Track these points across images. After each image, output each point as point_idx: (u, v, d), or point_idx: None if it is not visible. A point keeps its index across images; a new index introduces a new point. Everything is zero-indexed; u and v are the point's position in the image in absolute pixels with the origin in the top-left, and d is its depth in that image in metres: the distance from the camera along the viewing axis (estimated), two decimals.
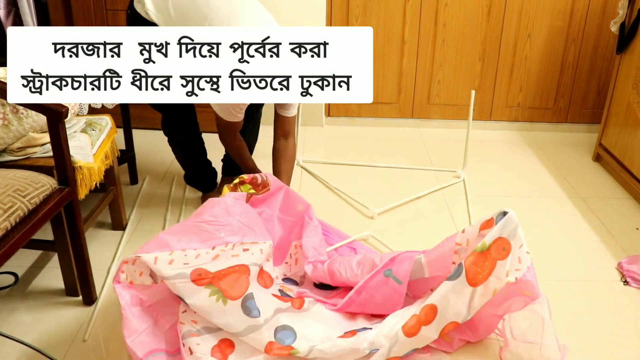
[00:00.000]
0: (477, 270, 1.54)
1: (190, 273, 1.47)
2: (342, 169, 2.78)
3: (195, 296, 1.47)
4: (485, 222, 1.60)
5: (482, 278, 1.53)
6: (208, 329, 1.51)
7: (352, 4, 3.08)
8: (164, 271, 1.47)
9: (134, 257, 1.50)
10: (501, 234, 1.54)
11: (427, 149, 3.04)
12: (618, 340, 1.71)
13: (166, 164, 2.78)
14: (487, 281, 1.54)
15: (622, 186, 2.67)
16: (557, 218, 2.39)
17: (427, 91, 3.30)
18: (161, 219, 2.29)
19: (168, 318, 1.56)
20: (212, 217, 1.64)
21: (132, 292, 1.52)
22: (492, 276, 1.54)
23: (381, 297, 1.67)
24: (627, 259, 2.06)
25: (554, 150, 3.09)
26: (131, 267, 1.52)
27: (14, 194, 1.46)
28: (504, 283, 1.53)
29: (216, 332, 1.52)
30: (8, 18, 2.67)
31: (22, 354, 1.55)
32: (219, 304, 1.47)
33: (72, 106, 1.81)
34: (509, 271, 1.55)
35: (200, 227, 1.61)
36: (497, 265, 1.54)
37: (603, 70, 3.21)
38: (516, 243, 1.55)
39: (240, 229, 1.66)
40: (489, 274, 1.53)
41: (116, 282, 1.52)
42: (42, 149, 1.79)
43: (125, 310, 1.50)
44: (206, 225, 1.61)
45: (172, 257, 1.50)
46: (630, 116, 2.59)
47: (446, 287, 1.55)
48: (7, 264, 1.47)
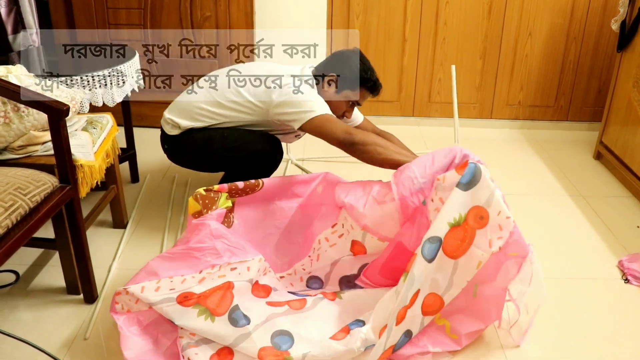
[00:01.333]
0: (456, 243, 1.54)
1: (176, 297, 1.50)
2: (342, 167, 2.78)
3: (184, 317, 1.49)
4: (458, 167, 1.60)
5: (462, 250, 1.54)
6: (206, 340, 1.53)
7: (353, 2, 3.08)
8: (151, 298, 1.50)
9: (125, 289, 1.53)
10: (477, 202, 1.54)
11: (428, 147, 3.04)
12: (618, 338, 1.71)
13: (167, 162, 2.78)
14: (469, 251, 1.54)
15: (623, 184, 2.67)
16: (558, 216, 2.39)
17: (428, 89, 3.30)
18: (162, 217, 2.29)
19: (168, 336, 1.57)
20: (198, 243, 1.63)
21: (129, 315, 1.55)
22: (473, 246, 1.54)
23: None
24: (628, 257, 2.06)
25: (554, 148, 3.09)
26: (125, 296, 1.55)
27: (15, 192, 1.46)
28: (489, 254, 1.54)
29: (214, 343, 1.53)
30: (9, 17, 2.67)
31: (22, 352, 1.55)
32: (207, 322, 1.49)
33: (73, 104, 1.81)
34: (492, 240, 1.55)
35: (188, 253, 1.61)
36: (476, 234, 1.55)
37: (604, 68, 3.21)
38: (493, 210, 1.55)
39: (227, 249, 1.63)
40: (469, 244, 1.54)
41: (113, 312, 1.55)
42: (43, 147, 1.79)
43: (123, 329, 1.53)
44: (193, 252, 1.61)
45: (159, 285, 1.53)
46: (631, 114, 2.59)
47: (425, 268, 1.53)
48: (8, 262, 1.47)
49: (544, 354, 1.63)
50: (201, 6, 2.92)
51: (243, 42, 2.97)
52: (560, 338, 1.69)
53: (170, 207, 2.36)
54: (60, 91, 1.80)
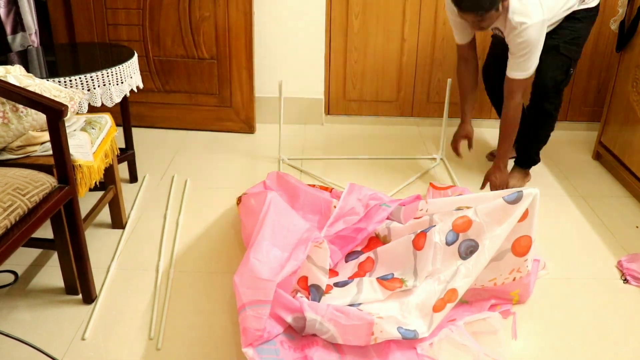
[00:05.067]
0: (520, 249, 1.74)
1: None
2: (341, 165, 2.78)
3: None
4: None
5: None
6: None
7: (352, 2, 3.07)
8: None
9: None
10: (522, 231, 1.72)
11: (427, 147, 3.04)
12: (618, 338, 1.71)
13: (166, 162, 2.79)
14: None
15: (622, 184, 2.67)
16: (557, 216, 2.39)
17: (427, 90, 3.30)
18: (161, 218, 2.29)
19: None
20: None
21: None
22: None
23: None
24: (627, 257, 2.06)
25: (553, 148, 3.09)
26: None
27: (13, 193, 1.46)
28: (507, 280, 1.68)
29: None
30: (8, 17, 2.67)
31: (21, 352, 1.55)
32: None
33: (72, 104, 1.81)
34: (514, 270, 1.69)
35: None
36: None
37: (603, 68, 3.21)
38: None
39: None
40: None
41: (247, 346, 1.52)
42: (41, 148, 1.79)
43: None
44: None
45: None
46: (630, 114, 2.59)
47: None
48: (7, 262, 1.47)
49: (544, 354, 1.63)
50: (200, 6, 2.92)
51: (242, 41, 2.98)
52: (560, 338, 1.69)
53: (168, 207, 2.36)
54: (58, 91, 1.80)
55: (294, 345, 1.57)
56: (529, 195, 1.68)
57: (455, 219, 1.74)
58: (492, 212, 1.70)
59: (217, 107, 3.14)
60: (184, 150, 2.94)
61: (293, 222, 1.85)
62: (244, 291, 1.56)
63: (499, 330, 1.68)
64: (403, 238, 1.83)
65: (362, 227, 1.99)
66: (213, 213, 2.33)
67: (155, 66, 3.06)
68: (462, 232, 1.72)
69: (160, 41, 3.01)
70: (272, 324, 1.56)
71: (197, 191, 2.51)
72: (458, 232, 1.73)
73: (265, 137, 3.13)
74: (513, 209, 1.68)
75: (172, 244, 2.11)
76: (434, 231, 1.74)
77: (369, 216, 2.03)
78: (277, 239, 1.73)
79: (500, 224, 1.68)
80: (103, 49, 2.61)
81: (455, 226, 1.73)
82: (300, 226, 1.84)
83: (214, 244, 2.12)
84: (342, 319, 1.56)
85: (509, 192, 1.71)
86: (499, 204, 1.69)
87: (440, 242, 1.73)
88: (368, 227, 1.98)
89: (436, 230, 1.74)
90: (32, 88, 1.70)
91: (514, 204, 1.67)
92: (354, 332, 1.55)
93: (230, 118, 3.16)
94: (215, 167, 2.75)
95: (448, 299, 1.66)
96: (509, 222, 1.68)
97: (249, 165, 2.80)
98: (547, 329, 1.72)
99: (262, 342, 1.51)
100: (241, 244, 2.09)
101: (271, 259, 1.64)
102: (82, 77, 2.07)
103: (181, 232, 2.19)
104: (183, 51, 3.02)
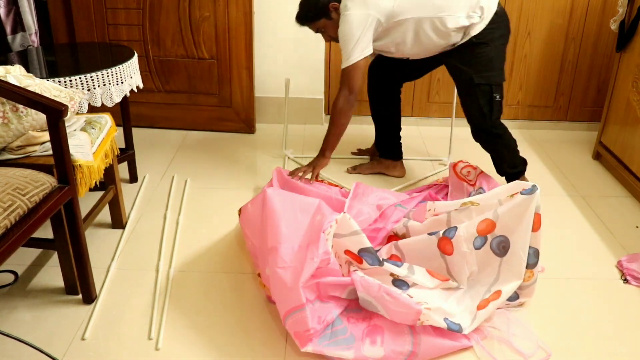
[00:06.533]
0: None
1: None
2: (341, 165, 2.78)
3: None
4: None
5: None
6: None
7: None
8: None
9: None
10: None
11: (427, 147, 3.04)
12: (618, 338, 1.71)
13: (166, 162, 2.79)
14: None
15: (622, 184, 2.67)
16: (557, 216, 2.39)
17: (427, 90, 3.30)
18: (161, 218, 2.29)
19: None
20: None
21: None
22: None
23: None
24: (627, 257, 2.06)
25: (553, 148, 3.09)
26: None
27: (13, 193, 1.46)
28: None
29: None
30: (8, 17, 2.67)
31: (21, 352, 1.55)
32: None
33: (72, 104, 1.81)
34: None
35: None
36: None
37: (603, 68, 3.21)
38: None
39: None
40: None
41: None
42: (41, 148, 1.79)
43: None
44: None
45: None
46: (630, 114, 2.59)
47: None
48: (7, 262, 1.47)
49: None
50: (200, 6, 2.92)
51: (242, 41, 2.98)
52: (560, 338, 1.69)
53: (168, 207, 2.36)
54: (58, 91, 1.80)
55: (361, 317, 1.67)
56: (536, 188, 1.73)
57: (477, 224, 1.77)
58: (512, 209, 1.73)
59: (217, 107, 3.14)
60: (184, 150, 2.94)
61: (299, 201, 1.87)
62: (280, 302, 1.63)
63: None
64: (424, 236, 1.86)
65: (381, 227, 2.02)
66: (213, 213, 2.33)
67: (155, 66, 3.06)
68: (488, 233, 1.76)
69: (160, 41, 3.01)
70: (327, 310, 1.62)
71: (197, 191, 2.51)
72: (484, 235, 1.76)
73: (265, 137, 3.13)
74: (528, 200, 1.71)
75: (172, 244, 2.11)
76: (461, 241, 1.75)
77: (385, 216, 2.07)
78: (290, 231, 1.72)
79: (521, 218, 1.72)
80: (103, 49, 2.61)
81: (480, 231, 1.76)
82: (310, 202, 1.85)
83: (213, 244, 2.12)
84: (392, 304, 1.60)
85: (527, 184, 1.76)
86: (518, 200, 1.72)
87: (469, 250, 1.76)
88: (387, 226, 2.02)
89: (462, 240, 1.76)
90: (32, 88, 1.70)
91: (530, 195, 1.71)
92: (402, 317, 1.61)
93: (230, 118, 3.16)
94: (215, 167, 2.75)
95: (492, 299, 1.70)
96: (527, 214, 1.71)
97: (249, 165, 2.80)
98: (547, 329, 1.72)
99: (318, 335, 1.57)
100: (241, 244, 2.09)
101: (293, 259, 1.66)
102: (82, 77, 2.07)
103: (181, 232, 2.19)
104: (183, 51, 3.02)
